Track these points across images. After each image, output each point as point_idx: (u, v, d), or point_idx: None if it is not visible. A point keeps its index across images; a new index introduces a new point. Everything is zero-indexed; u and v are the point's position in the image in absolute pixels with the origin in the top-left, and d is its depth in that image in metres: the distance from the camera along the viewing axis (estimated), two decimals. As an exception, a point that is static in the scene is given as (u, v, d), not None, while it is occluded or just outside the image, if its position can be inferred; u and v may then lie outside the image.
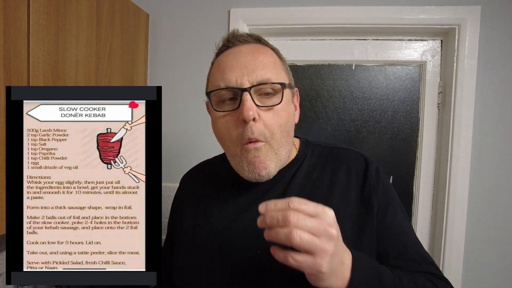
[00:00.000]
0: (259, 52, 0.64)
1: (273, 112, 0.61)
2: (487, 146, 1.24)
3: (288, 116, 0.64)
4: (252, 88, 0.59)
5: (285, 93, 0.63)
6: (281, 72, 0.65)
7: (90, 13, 0.99)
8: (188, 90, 1.37)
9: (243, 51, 0.64)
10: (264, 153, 0.61)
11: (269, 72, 0.61)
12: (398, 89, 1.36)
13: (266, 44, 0.68)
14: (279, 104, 0.61)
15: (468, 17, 1.22)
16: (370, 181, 0.65)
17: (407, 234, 0.66)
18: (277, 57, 0.67)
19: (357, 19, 1.27)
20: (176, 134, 1.40)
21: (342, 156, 0.70)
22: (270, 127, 0.60)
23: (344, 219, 0.62)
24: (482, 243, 1.25)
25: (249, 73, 0.60)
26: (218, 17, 1.35)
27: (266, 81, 0.60)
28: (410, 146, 1.36)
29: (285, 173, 0.67)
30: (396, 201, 0.67)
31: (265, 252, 0.60)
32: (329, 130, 1.40)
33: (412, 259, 0.63)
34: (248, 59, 0.62)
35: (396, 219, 0.65)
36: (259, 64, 0.61)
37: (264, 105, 0.61)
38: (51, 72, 0.84)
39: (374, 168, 0.67)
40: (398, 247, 0.64)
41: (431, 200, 1.35)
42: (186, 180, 0.82)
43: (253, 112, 0.58)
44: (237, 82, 0.60)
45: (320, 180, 0.66)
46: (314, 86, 1.40)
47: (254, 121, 0.59)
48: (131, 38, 1.24)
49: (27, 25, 0.76)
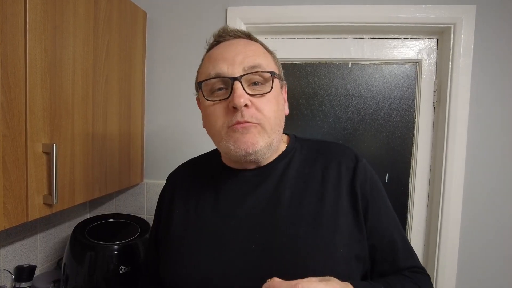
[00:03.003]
0: (249, 43, 0.66)
1: (265, 99, 0.62)
2: (481, 144, 1.25)
3: (278, 105, 0.65)
4: (243, 77, 0.60)
5: (275, 83, 0.64)
6: (271, 62, 0.67)
7: (88, 10, 0.99)
8: (185, 88, 1.38)
9: (234, 43, 0.65)
10: (254, 132, 0.61)
11: (259, 59, 0.63)
12: (394, 87, 1.37)
13: (256, 40, 0.70)
14: (269, 92, 0.62)
15: (464, 16, 1.22)
16: (359, 176, 0.66)
17: (393, 228, 0.68)
18: (267, 51, 0.69)
19: (353, 17, 1.28)
20: (175, 132, 1.40)
21: (332, 150, 0.71)
22: (263, 111, 0.61)
23: (339, 214, 0.63)
24: (477, 239, 1.26)
25: (240, 61, 0.61)
26: (216, 15, 1.35)
27: (257, 67, 0.61)
28: (406, 143, 1.37)
29: (276, 165, 0.68)
30: (382, 195, 0.69)
31: (259, 247, 0.61)
32: (325, 128, 1.41)
33: (399, 254, 0.66)
34: (239, 48, 0.63)
35: (383, 214, 0.67)
36: (250, 52, 0.63)
37: (255, 93, 0.61)
38: (49, 70, 0.84)
39: (363, 163, 0.69)
40: (385, 242, 0.66)
41: (427, 197, 1.36)
42: (173, 177, 0.81)
43: (244, 99, 0.59)
44: (228, 70, 0.61)
45: (312, 175, 0.67)
46: (311, 84, 1.40)
47: (246, 107, 0.60)
48: (129, 36, 1.24)
49: (24, 22, 0.76)
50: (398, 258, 0.66)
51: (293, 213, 0.63)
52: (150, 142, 1.42)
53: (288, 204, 0.64)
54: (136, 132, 1.35)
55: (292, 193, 0.65)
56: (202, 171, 0.77)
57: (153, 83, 1.41)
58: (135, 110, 1.33)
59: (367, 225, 0.65)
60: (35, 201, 0.82)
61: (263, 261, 0.60)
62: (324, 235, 0.61)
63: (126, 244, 1.10)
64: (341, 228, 0.62)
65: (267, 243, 0.61)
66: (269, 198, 0.65)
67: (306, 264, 0.59)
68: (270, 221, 0.63)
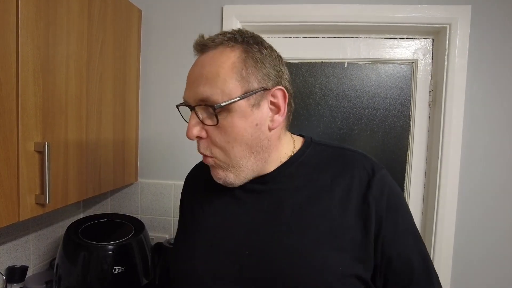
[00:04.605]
0: (211, 61, 0.59)
1: (219, 129, 0.59)
2: (476, 143, 1.25)
3: (240, 130, 0.59)
4: (196, 107, 0.60)
5: (237, 107, 0.58)
6: (229, 84, 0.57)
7: (82, 7, 0.97)
8: (180, 86, 1.36)
9: (198, 62, 0.62)
10: (216, 167, 0.63)
11: (209, 89, 0.57)
12: (390, 87, 1.37)
13: (240, 41, 0.61)
14: (216, 124, 0.58)
15: (459, 17, 1.23)
16: (374, 190, 0.61)
17: (412, 248, 0.62)
18: (237, 63, 0.58)
19: (349, 17, 1.28)
20: (170, 130, 1.39)
21: (347, 159, 0.66)
22: (216, 143, 0.60)
23: (343, 229, 0.59)
24: (471, 239, 1.26)
25: (194, 89, 0.60)
26: (211, 14, 1.34)
27: (204, 101, 0.58)
28: (402, 143, 1.37)
29: (282, 172, 0.65)
30: (402, 210, 0.63)
31: (252, 252, 0.60)
32: (321, 127, 1.40)
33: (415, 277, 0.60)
34: (196, 74, 0.60)
35: (400, 232, 0.61)
36: (202, 79, 0.59)
37: (209, 123, 0.60)
38: (41, 67, 0.83)
39: (380, 176, 0.62)
40: (400, 262, 0.60)
41: (422, 196, 1.37)
42: (187, 179, 0.83)
43: (196, 131, 0.59)
44: (187, 98, 0.62)
45: (320, 185, 0.63)
46: (307, 83, 1.40)
47: (199, 138, 0.61)
48: (123, 34, 1.23)
49: (16, 18, 0.75)
50: (413, 282, 0.59)
51: (293, 222, 0.61)
52: (145, 141, 1.41)
53: (289, 213, 0.61)
54: (131, 131, 1.33)
55: (295, 201, 0.62)
56: (208, 173, 0.76)
57: (148, 82, 1.39)
58: (130, 108, 1.31)
59: (379, 243, 0.59)
60: (27, 200, 0.80)
61: (255, 268, 0.59)
62: (323, 250, 0.58)
63: (120, 244, 1.08)
64: (343, 244, 0.58)
65: (261, 250, 0.60)
66: (270, 204, 0.63)
67: (299, 278, 0.57)
68: (268, 227, 0.61)
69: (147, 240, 1.19)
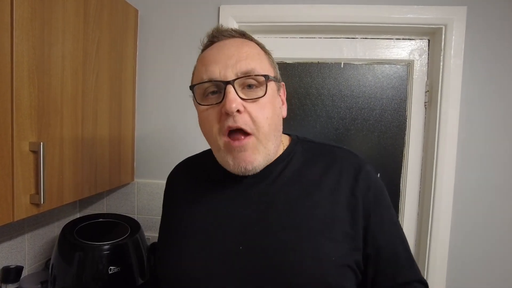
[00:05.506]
0: (243, 44, 0.63)
1: (258, 105, 0.60)
2: (472, 144, 1.26)
3: (274, 109, 0.62)
4: (236, 81, 0.58)
5: (270, 86, 0.61)
6: (266, 64, 0.63)
7: (77, 7, 0.97)
8: (177, 86, 1.37)
9: (227, 44, 0.63)
10: (252, 148, 0.60)
11: (253, 62, 0.60)
12: (386, 87, 1.38)
13: (251, 38, 0.67)
14: (263, 96, 0.60)
15: (455, 17, 1.23)
16: (360, 184, 0.64)
17: (396, 239, 0.65)
18: (262, 50, 0.66)
19: (346, 17, 1.28)
20: (166, 131, 1.39)
21: (335, 154, 0.68)
22: (256, 119, 0.59)
23: (334, 221, 0.61)
24: (467, 238, 1.27)
25: (233, 64, 0.59)
26: (208, 14, 1.34)
27: (250, 72, 0.59)
28: (398, 143, 1.38)
29: (272, 169, 0.66)
30: (386, 204, 0.67)
31: (247, 248, 0.61)
32: (317, 127, 1.41)
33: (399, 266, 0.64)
34: (232, 51, 0.61)
35: (386, 224, 0.65)
36: (243, 54, 0.60)
37: (248, 97, 0.60)
38: (36, 67, 0.83)
39: (366, 171, 0.65)
40: (386, 253, 0.63)
41: (418, 196, 1.37)
42: (171, 177, 0.82)
43: (237, 104, 0.57)
44: (220, 74, 0.59)
45: (310, 180, 0.65)
46: (303, 84, 1.40)
47: (238, 112, 0.58)
48: (120, 34, 1.22)
49: (11, 18, 0.74)
50: (398, 271, 0.63)
51: (285, 216, 0.62)
52: (141, 141, 1.41)
53: (281, 208, 0.63)
54: (127, 131, 1.33)
55: (286, 196, 0.64)
56: (197, 171, 0.76)
57: (144, 81, 1.39)
58: (126, 109, 1.31)
59: (368, 235, 0.62)
60: (21, 200, 0.80)
61: (250, 263, 0.59)
62: (316, 241, 0.59)
63: (116, 244, 1.08)
64: (335, 236, 0.60)
65: (256, 246, 0.60)
66: (262, 200, 0.64)
67: (295, 271, 0.57)
68: (261, 223, 0.62)
69: (143, 240, 1.19)
